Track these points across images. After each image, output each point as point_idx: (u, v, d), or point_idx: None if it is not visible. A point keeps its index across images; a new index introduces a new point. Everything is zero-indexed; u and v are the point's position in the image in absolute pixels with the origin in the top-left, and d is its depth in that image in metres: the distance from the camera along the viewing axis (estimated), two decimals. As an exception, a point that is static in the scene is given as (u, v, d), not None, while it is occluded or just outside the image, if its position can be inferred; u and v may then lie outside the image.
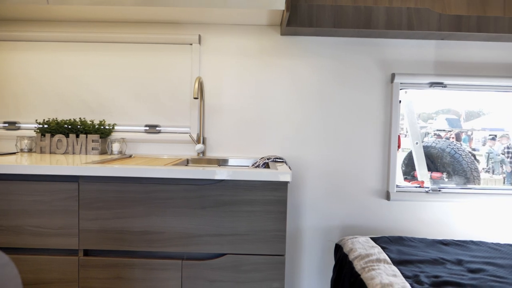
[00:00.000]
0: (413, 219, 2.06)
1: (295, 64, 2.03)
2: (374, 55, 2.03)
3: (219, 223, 1.43)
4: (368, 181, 2.06)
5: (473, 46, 2.03)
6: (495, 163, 6.37)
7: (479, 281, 1.33)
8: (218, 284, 1.44)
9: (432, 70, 2.03)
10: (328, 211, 2.06)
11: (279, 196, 1.43)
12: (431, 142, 4.05)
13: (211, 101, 2.05)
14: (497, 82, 2.00)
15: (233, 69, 2.04)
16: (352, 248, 1.61)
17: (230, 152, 2.07)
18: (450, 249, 1.66)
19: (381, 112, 2.04)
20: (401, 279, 1.30)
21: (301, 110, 2.04)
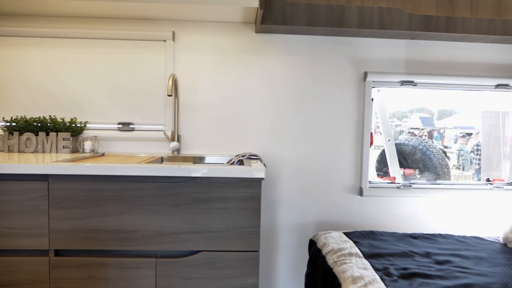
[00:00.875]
0: (385, 214, 2.11)
1: (270, 62, 2.05)
2: (347, 53, 2.07)
3: (193, 220, 1.43)
4: (341, 177, 2.10)
5: (442, 46, 2.09)
6: (465, 160, 6.59)
7: (445, 272, 1.38)
8: (192, 281, 1.44)
9: (403, 69, 2.09)
10: (302, 207, 2.09)
11: (253, 193, 1.44)
12: (403, 139, 4.15)
13: (186, 99, 2.04)
14: (464, 81, 2.07)
15: (208, 67, 2.04)
16: (325, 243, 1.64)
17: (205, 149, 2.06)
18: (419, 242, 1.71)
19: (354, 109, 2.09)
20: (371, 272, 1.34)
21: (276, 107, 2.06)
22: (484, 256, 1.57)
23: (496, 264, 1.49)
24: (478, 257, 1.57)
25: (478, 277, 1.35)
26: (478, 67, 2.11)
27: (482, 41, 2.04)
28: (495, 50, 2.11)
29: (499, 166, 4.15)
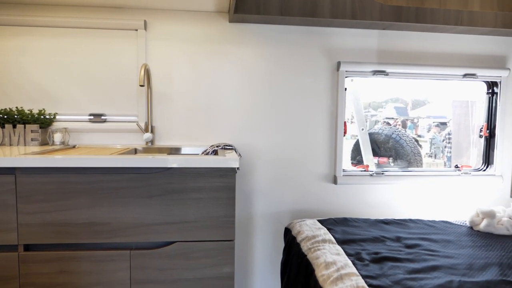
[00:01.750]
0: (358, 202, 2.16)
1: (244, 52, 2.04)
2: (321, 43, 2.08)
3: (167, 211, 1.42)
4: (316, 166, 2.12)
5: (412, 36, 2.13)
6: (437, 148, 6.80)
7: (414, 255, 1.43)
8: (168, 272, 1.44)
9: (375, 59, 2.12)
10: (278, 197, 2.11)
11: (228, 183, 1.44)
12: (378, 129, 4.24)
13: (159, 89, 2.01)
14: (434, 70, 2.12)
15: (182, 57, 2.01)
16: (300, 231, 1.66)
17: (180, 140, 2.05)
18: (391, 227, 1.76)
19: (328, 99, 2.11)
20: (344, 257, 1.37)
21: (251, 97, 2.06)
22: (451, 239, 1.64)
23: (462, 246, 1.55)
24: (446, 240, 1.63)
25: (445, 259, 1.40)
26: (446, 57, 2.17)
27: (450, 31, 2.09)
28: (462, 41, 2.17)
29: (467, 153, 4.30)
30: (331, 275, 1.25)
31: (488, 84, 2.28)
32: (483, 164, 2.34)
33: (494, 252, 1.50)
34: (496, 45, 2.21)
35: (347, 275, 1.23)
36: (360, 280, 1.19)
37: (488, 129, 2.30)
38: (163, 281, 1.43)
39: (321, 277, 1.27)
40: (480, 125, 2.34)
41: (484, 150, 2.33)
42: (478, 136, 2.36)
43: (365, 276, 1.23)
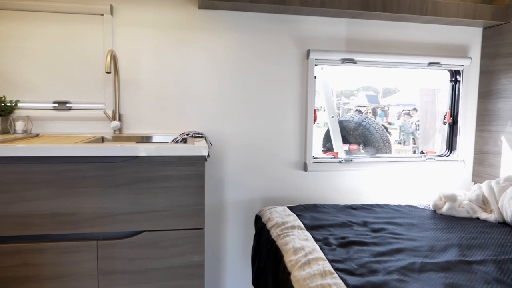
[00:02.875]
0: (328, 188, 2.20)
1: (214, 39, 2.01)
2: (291, 31, 2.08)
3: (135, 200, 1.40)
4: (286, 153, 2.14)
5: (380, 25, 2.17)
6: (407, 135, 7.00)
7: (379, 239, 1.47)
8: (136, 261, 1.42)
9: (344, 47, 2.14)
10: (249, 184, 2.12)
11: (197, 171, 1.43)
12: (348, 117, 4.32)
13: (127, 76, 1.96)
14: (400, 59, 2.17)
15: (150, 43, 1.96)
16: (270, 218, 1.68)
17: (149, 129, 2.01)
18: (358, 212, 1.81)
19: (298, 87, 2.12)
20: (312, 243, 1.40)
21: (221, 85, 2.04)
22: (415, 223, 1.70)
23: (425, 229, 1.62)
24: (410, 223, 1.69)
25: (408, 242, 1.46)
26: (412, 46, 2.22)
27: (416, 21, 2.14)
28: (427, 30, 2.23)
29: (433, 139, 4.45)
30: (299, 260, 1.28)
31: (451, 73, 2.36)
32: (447, 150, 2.43)
33: (455, 234, 1.57)
34: (459, 35, 2.28)
35: (314, 260, 1.26)
36: (327, 264, 1.22)
37: (452, 116, 2.39)
38: (132, 271, 1.42)
39: (289, 262, 1.30)
40: (444, 112, 2.43)
41: (448, 136, 2.42)
42: (442, 123, 2.44)
43: (332, 260, 1.26)
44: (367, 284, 1.09)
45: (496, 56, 2.23)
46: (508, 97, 2.15)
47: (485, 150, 2.32)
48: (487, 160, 2.30)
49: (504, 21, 2.15)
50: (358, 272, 1.18)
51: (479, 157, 2.37)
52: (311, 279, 1.15)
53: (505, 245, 1.44)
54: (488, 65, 2.29)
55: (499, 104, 2.21)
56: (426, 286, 1.11)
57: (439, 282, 1.13)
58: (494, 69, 2.25)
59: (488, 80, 2.29)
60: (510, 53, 2.14)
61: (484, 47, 2.32)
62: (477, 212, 1.81)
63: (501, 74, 2.20)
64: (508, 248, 1.41)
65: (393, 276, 1.16)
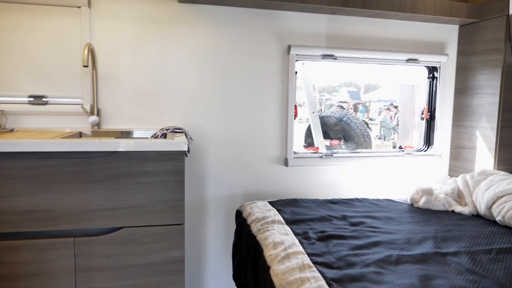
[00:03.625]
0: (309, 183, 2.22)
1: (194, 33, 1.99)
2: (272, 26, 2.08)
3: (113, 196, 1.38)
4: (267, 148, 2.15)
5: (360, 21, 2.19)
6: (387, 130, 7.11)
7: (358, 232, 1.50)
8: (115, 258, 1.41)
9: (324, 43, 2.15)
10: (230, 179, 2.12)
11: (176, 166, 1.42)
12: (329, 112, 4.35)
13: (105, 70, 1.92)
14: (379, 55, 2.20)
15: (129, 37, 1.93)
16: (251, 213, 1.69)
17: (129, 124, 1.98)
18: (338, 207, 1.83)
19: (279, 82, 2.12)
20: (291, 237, 1.41)
21: (201, 80, 2.03)
22: (393, 216, 1.73)
23: (402, 223, 1.65)
24: (388, 217, 1.72)
25: (386, 235, 1.48)
26: (391, 42, 2.25)
27: (394, 18, 2.17)
28: (406, 27, 2.26)
29: (412, 135, 4.54)
30: (278, 255, 1.29)
31: (429, 69, 2.41)
32: (424, 145, 2.48)
33: (431, 226, 1.61)
34: (436, 32, 2.33)
35: (293, 254, 1.27)
36: (306, 258, 1.24)
37: (429, 112, 2.44)
38: (110, 268, 1.40)
39: (269, 256, 1.30)
40: (422, 108, 2.47)
41: (425, 131, 2.47)
42: (420, 118, 2.49)
43: (311, 254, 1.27)
44: (345, 277, 1.11)
45: (472, 53, 2.28)
46: (482, 93, 2.21)
47: (461, 145, 2.38)
48: (463, 155, 2.36)
49: (479, 19, 2.20)
50: (336, 265, 1.20)
51: (455, 152, 2.43)
52: (290, 273, 1.16)
53: (478, 237, 1.49)
54: (464, 62, 2.34)
55: (474, 100, 2.27)
56: (401, 277, 1.13)
57: (415, 274, 1.16)
58: (470, 66, 2.30)
59: (464, 76, 2.34)
60: (485, 50, 2.19)
61: (460, 44, 2.37)
62: (452, 205, 1.86)
63: (476, 71, 2.26)
64: (481, 240, 1.46)
65: (370, 268, 1.18)
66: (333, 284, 1.06)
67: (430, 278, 1.13)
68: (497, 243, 1.43)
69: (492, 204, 1.68)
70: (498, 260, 1.28)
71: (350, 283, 1.08)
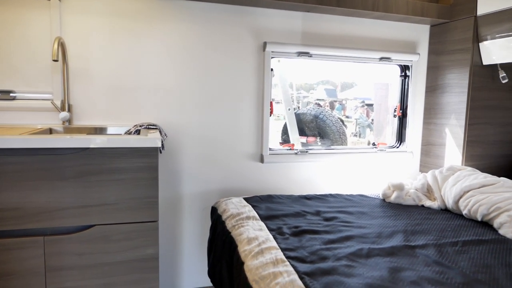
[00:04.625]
0: (284, 179, 2.24)
1: (168, 29, 1.97)
2: (247, 23, 2.08)
3: (84, 194, 1.35)
4: (243, 145, 2.15)
5: (334, 19, 2.22)
6: (363, 127, 7.24)
7: (331, 227, 1.52)
8: (87, 257, 1.38)
9: (300, 40, 2.17)
10: (206, 176, 2.11)
11: (150, 163, 1.41)
12: (306, 109, 4.39)
13: (76, 65, 1.88)
14: (353, 53, 2.24)
15: (101, 32, 1.89)
16: (226, 209, 1.69)
17: (102, 120, 1.94)
18: (312, 202, 1.86)
19: (254, 79, 2.13)
20: (265, 232, 1.42)
21: (176, 76, 2.01)
22: (365, 211, 1.77)
23: (374, 217, 1.69)
24: (360, 212, 1.76)
25: (358, 229, 1.52)
26: (365, 41, 2.30)
27: (368, 17, 2.21)
28: (379, 26, 2.31)
29: (385, 132, 4.64)
30: (252, 250, 1.29)
31: (401, 68, 2.47)
32: (397, 142, 2.54)
33: (401, 221, 1.65)
34: (408, 31, 2.39)
35: (267, 249, 1.28)
36: (279, 253, 1.25)
37: (401, 109, 2.50)
38: (82, 266, 1.38)
39: (243, 252, 1.31)
40: (395, 106, 2.53)
41: (398, 128, 2.54)
42: (393, 116, 2.55)
43: (284, 249, 1.29)
44: (317, 271, 1.13)
45: (442, 52, 2.35)
46: (451, 92, 2.28)
47: (431, 142, 2.45)
48: (433, 151, 2.44)
49: (449, 19, 2.27)
50: (309, 260, 1.22)
51: (426, 148, 2.50)
52: (264, 268, 1.17)
53: (446, 230, 1.54)
54: (435, 61, 2.41)
55: (444, 98, 2.34)
56: (372, 270, 1.16)
57: (384, 266, 1.19)
58: (440, 65, 2.37)
59: (435, 75, 2.41)
60: (454, 50, 2.26)
61: (431, 44, 2.44)
62: (422, 200, 1.92)
63: (446, 70, 2.33)
64: (448, 233, 1.51)
65: (341, 262, 1.21)
66: (305, 278, 1.08)
67: (399, 270, 1.17)
68: (463, 235, 1.48)
69: (459, 199, 1.75)
70: (463, 251, 1.33)
71: (322, 276, 1.10)
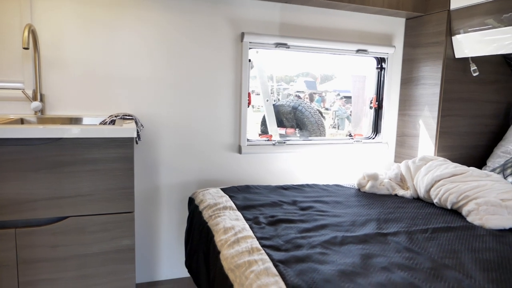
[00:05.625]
0: (262, 170, 2.26)
1: (144, 19, 1.94)
2: (225, 13, 2.06)
3: (58, 185, 1.33)
4: (221, 136, 2.15)
5: (312, 11, 2.23)
6: (341, 119, 7.33)
7: (306, 216, 1.55)
8: (61, 249, 1.36)
9: (277, 31, 2.18)
10: (184, 167, 2.10)
11: (125, 153, 1.40)
12: (285, 101, 4.41)
13: (49, 53, 1.83)
14: (331, 45, 2.26)
15: (74, 20, 1.84)
16: (203, 199, 1.69)
17: (76, 110, 1.90)
18: (289, 192, 1.88)
19: (232, 70, 2.12)
20: (242, 222, 1.44)
21: (154, 66, 1.98)
22: (341, 200, 1.81)
23: (349, 206, 1.73)
24: (336, 201, 1.79)
25: (333, 218, 1.55)
26: (342, 33, 2.32)
27: (345, 9, 2.23)
28: (356, 18, 2.33)
29: (362, 123, 4.71)
30: (228, 239, 1.31)
31: (378, 60, 2.51)
32: (373, 133, 2.59)
33: (375, 209, 1.70)
34: (384, 24, 2.42)
35: (243, 238, 1.30)
36: (255, 242, 1.27)
37: (377, 101, 2.55)
38: (56, 259, 1.36)
39: (220, 242, 1.32)
40: (371, 98, 2.58)
41: (373, 120, 2.58)
42: (369, 108, 2.60)
43: (260, 238, 1.30)
44: (291, 258, 1.15)
45: (417, 45, 2.40)
46: (425, 84, 2.34)
47: (405, 133, 2.51)
48: (407, 142, 2.50)
49: (423, 13, 2.31)
50: (284, 248, 1.24)
51: (400, 139, 2.56)
52: (239, 256, 1.18)
53: (417, 218, 1.59)
54: (410, 54, 2.46)
55: (418, 90, 2.40)
56: (344, 257, 1.19)
57: (357, 253, 1.22)
58: (415, 57, 2.42)
59: (410, 67, 2.47)
60: (428, 43, 2.31)
61: (407, 37, 2.49)
62: (395, 189, 1.97)
63: (420, 63, 2.38)
64: (419, 221, 1.56)
65: (316, 249, 1.23)
66: (280, 265, 1.10)
67: (371, 257, 1.20)
68: (433, 223, 1.54)
69: (430, 188, 1.80)
70: (433, 238, 1.38)
71: (296, 263, 1.13)
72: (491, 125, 2.44)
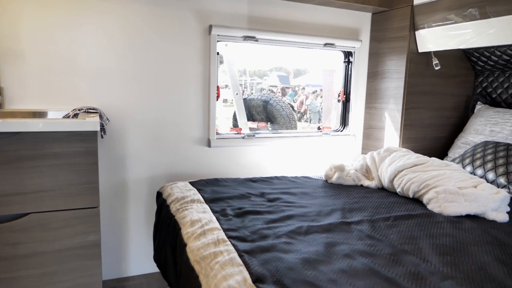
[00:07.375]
0: (232, 163, 2.26)
1: (109, 8, 1.89)
2: (192, 5, 2.04)
3: (17, 181, 1.29)
4: (190, 129, 2.14)
5: (280, 4, 2.24)
6: (313, 113, 7.42)
7: (274, 208, 1.57)
8: (22, 246, 1.33)
9: (246, 24, 2.18)
10: (152, 161, 2.08)
11: (88, 147, 1.37)
12: (257, 95, 4.43)
13: (6, 45, 1.75)
14: (299, 39, 2.28)
15: (32, 10, 1.77)
16: (170, 193, 1.68)
17: (38, 104, 1.84)
18: (257, 185, 1.90)
19: (200, 63, 2.11)
20: (209, 214, 1.44)
21: (119, 58, 1.94)
22: (308, 192, 1.84)
23: (315, 197, 1.76)
24: (303, 192, 1.82)
25: (299, 209, 1.58)
26: (310, 26, 2.34)
27: (312, 2, 2.25)
28: (324, 12, 2.36)
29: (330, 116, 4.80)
30: (195, 232, 1.31)
31: (345, 54, 2.56)
32: (341, 126, 2.64)
33: (340, 199, 1.74)
34: (352, 18, 2.47)
35: (210, 230, 1.30)
36: (221, 233, 1.27)
37: (345, 94, 2.60)
38: (17, 257, 1.32)
39: (186, 234, 1.32)
40: (339, 91, 2.63)
41: (341, 113, 2.64)
42: (337, 101, 2.65)
43: (227, 229, 1.31)
44: (256, 248, 1.17)
45: (382, 40, 2.46)
46: (390, 78, 2.40)
47: (372, 126, 2.58)
48: (374, 134, 2.57)
49: (388, 8, 2.37)
50: (250, 239, 1.26)
51: (367, 132, 2.63)
52: (205, 248, 1.19)
53: (380, 207, 1.65)
54: (376, 48, 2.52)
55: (384, 84, 2.46)
56: (309, 246, 1.22)
57: (321, 242, 1.25)
58: (380, 51, 2.48)
59: (376, 61, 2.53)
60: (393, 37, 2.38)
61: (373, 31, 2.54)
62: (361, 180, 2.02)
63: (385, 57, 2.44)
64: (382, 209, 1.61)
65: (281, 239, 1.26)
66: (245, 255, 1.11)
67: (334, 245, 1.24)
68: (395, 211, 1.59)
69: (393, 178, 1.86)
70: (394, 226, 1.43)
71: (261, 253, 1.14)
72: (452, 117, 2.55)
